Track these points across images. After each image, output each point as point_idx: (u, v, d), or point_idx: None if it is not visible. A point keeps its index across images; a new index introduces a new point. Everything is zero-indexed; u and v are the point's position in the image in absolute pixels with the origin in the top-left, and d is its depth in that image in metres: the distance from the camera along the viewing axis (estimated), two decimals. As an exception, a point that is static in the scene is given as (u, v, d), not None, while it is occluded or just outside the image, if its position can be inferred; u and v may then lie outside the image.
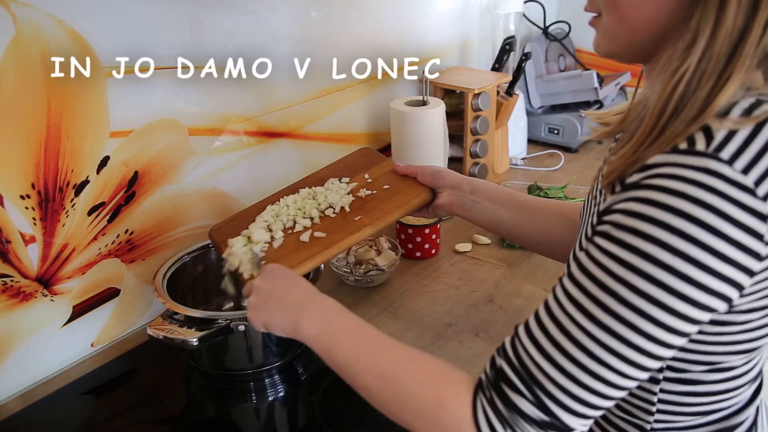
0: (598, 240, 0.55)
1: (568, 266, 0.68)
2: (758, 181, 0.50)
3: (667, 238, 0.50)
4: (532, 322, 0.58)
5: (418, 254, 1.23)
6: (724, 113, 0.52)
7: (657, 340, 0.52)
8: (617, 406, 0.68)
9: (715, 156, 0.50)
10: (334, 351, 0.68)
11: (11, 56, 0.81)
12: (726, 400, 0.65)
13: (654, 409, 0.66)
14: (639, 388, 0.65)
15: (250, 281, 0.79)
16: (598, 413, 0.57)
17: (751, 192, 0.49)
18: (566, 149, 1.70)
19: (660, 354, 0.54)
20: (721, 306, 0.52)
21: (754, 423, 0.70)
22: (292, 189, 1.03)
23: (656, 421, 0.66)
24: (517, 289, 1.13)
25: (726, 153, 0.50)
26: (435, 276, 1.18)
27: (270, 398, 0.94)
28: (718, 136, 0.51)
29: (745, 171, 0.50)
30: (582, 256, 0.56)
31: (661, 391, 0.64)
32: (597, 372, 0.54)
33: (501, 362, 0.59)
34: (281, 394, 0.95)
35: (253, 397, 0.94)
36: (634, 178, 0.54)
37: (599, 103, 1.70)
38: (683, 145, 0.52)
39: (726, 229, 0.49)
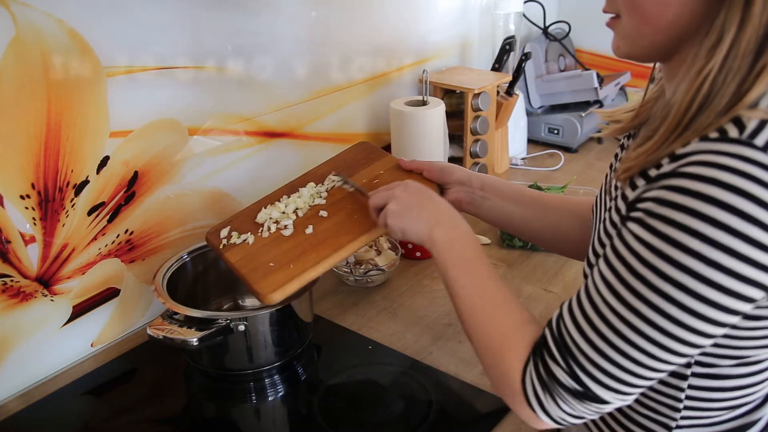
0: (632, 226, 0.56)
1: (588, 261, 0.69)
2: None
3: (697, 226, 0.50)
4: (573, 299, 0.61)
5: (418, 254, 1.23)
6: (753, 104, 0.52)
7: (686, 326, 0.53)
8: (642, 404, 0.68)
9: (749, 143, 0.50)
10: (449, 268, 0.73)
11: (11, 56, 0.81)
12: (751, 394, 0.66)
13: (681, 405, 0.66)
14: (666, 384, 0.66)
15: (384, 191, 0.83)
16: (633, 390, 0.59)
17: None
18: (566, 149, 1.70)
19: (692, 341, 0.54)
20: (758, 295, 0.52)
21: None
22: (290, 188, 1.02)
23: (683, 417, 0.66)
24: (517, 289, 1.13)
25: (761, 140, 0.50)
26: (435, 276, 1.18)
27: (270, 398, 0.94)
28: (751, 125, 0.51)
29: None
30: (616, 240, 0.57)
31: (689, 387, 0.65)
32: (626, 351, 0.56)
33: (546, 332, 0.63)
34: (281, 394, 0.95)
35: (253, 397, 0.94)
36: (665, 168, 0.54)
37: (599, 103, 1.70)
38: (714, 135, 0.52)
39: (762, 216, 0.49)
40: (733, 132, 0.51)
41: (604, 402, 0.59)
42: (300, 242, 0.89)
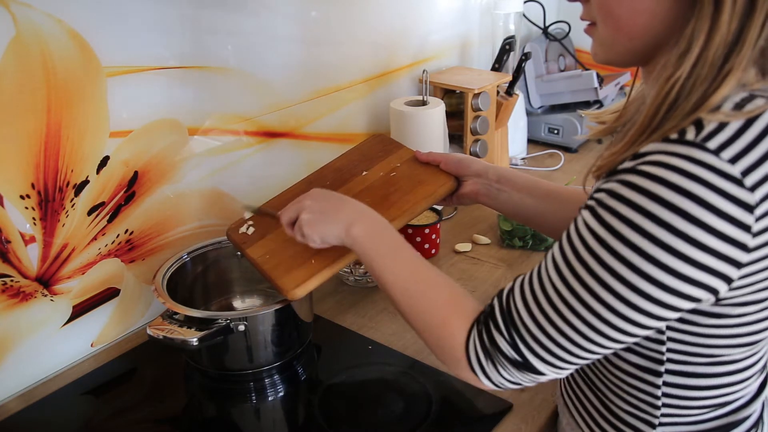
0: (584, 213, 0.58)
1: None
2: (746, 172, 0.50)
3: (640, 222, 0.52)
4: (526, 275, 0.64)
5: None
6: (716, 107, 0.53)
7: (619, 313, 0.55)
8: (625, 401, 0.69)
9: (701, 145, 0.51)
10: (375, 260, 0.75)
11: (11, 56, 0.81)
12: (732, 394, 0.66)
13: (659, 403, 0.66)
14: (643, 381, 0.66)
15: (293, 205, 0.83)
16: (567, 365, 0.62)
17: (737, 182, 0.50)
18: (566, 149, 1.70)
19: (625, 329, 0.56)
20: (702, 295, 0.54)
21: (761, 417, 0.71)
22: (307, 182, 1.01)
23: (663, 415, 0.67)
24: (517, 289, 1.13)
25: (714, 143, 0.51)
26: (435, 276, 1.18)
27: (270, 398, 0.94)
28: (708, 127, 0.52)
29: (733, 161, 0.50)
30: (570, 226, 0.60)
31: (665, 384, 0.65)
32: (563, 330, 0.59)
33: (495, 302, 0.66)
34: (281, 394, 0.95)
35: (253, 397, 0.94)
36: (625, 164, 0.56)
37: (599, 103, 1.70)
38: (674, 136, 0.53)
39: (705, 217, 0.50)
40: (690, 134, 0.52)
41: (539, 373, 0.63)
42: None
